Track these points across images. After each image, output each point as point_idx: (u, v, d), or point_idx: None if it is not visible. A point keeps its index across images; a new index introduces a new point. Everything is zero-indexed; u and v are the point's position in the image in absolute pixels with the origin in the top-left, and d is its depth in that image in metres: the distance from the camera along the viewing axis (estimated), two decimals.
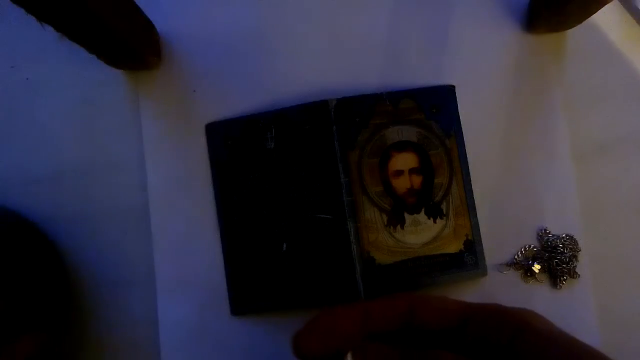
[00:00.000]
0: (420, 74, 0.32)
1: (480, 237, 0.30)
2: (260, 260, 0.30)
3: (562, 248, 0.31)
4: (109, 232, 0.32)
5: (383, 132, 0.30)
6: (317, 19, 0.33)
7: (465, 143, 0.31)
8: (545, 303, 0.31)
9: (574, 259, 0.31)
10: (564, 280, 0.31)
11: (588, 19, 0.31)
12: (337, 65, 0.32)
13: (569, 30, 0.33)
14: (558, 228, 0.32)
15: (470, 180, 0.31)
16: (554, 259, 0.31)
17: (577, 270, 0.31)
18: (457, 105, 0.31)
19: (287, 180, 0.30)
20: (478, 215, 0.31)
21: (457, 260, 0.30)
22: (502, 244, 0.31)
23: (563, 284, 0.31)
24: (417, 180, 0.30)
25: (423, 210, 0.30)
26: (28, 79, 0.33)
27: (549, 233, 0.32)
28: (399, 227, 0.30)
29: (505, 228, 0.32)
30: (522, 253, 0.32)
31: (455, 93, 0.31)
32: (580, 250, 0.32)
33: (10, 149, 0.33)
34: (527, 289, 0.31)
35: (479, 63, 0.32)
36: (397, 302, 0.23)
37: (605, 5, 0.29)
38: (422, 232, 0.30)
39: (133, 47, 0.28)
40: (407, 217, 0.30)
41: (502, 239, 0.32)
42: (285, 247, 0.30)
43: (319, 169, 0.30)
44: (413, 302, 0.23)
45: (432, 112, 0.31)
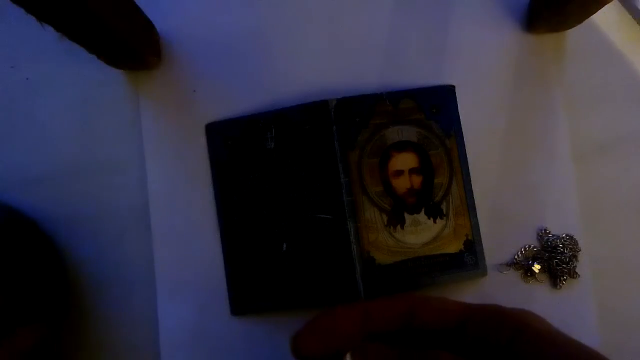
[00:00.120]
0: (420, 74, 0.32)
1: (480, 237, 0.30)
2: (260, 260, 0.30)
3: (562, 248, 0.31)
4: (109, 232, 0.32)
5: (383, 132, 0.30)
6: (317, 19, 0.33)
7: (465, 143, 0.31)
8: (545, 303, 0.31)
9: (574, 259, 0.31)
10: (564, 280, 0.31)
11: (588, 19, 0.31)
12: (337, 65, 0.32)
13: (569, 30, 0.33)
14: (558, 228, 0.32)
15: (470, 180, 0.31)
16: (554, 259, 0.31)
17: (577, 270, 0.31)
18: (457, 105, 0.31)
19: (287, 180, 0.30)
20: (478, 215, 0.31)
21: (457, 260, 0.30)
22: (502, 244, 0.31)
23: (563, 284, 0.31)
24: (417, 180, 0.30)
25: (423, 210, 0.30)
26: (28, 79, 0.33)
27: (549, 233, 0.32)
28: (399, 227, 0.30)
29: (505, 228, 0.32)
30: (522, 253, 0.32)
31: (455, 93, 0.31)
32: (580, 250, 0.32)
33: (11, 149, 0.33)
34: (527, 289, 0.31)
35: (479, 63, 0.32)
36: (396, 302, 0.23)
37: (605, 5, 0.29)
38: (422, 232, 0.30)
39: (133, 47, 0.28)
40: (407, 217, 0.30)
41: (502, 239, 0.31)
42: (285, 247, 0.30)
43: (319, 169, 0.30)
44: (412, 302, 0.23)
45: (432, 112, 0.31)
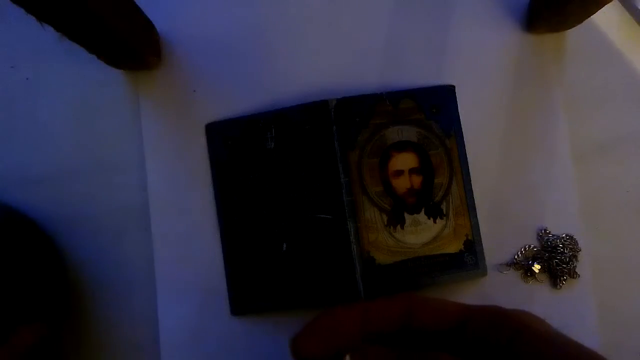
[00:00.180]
0: (420, 74, 0.32)
1: (480, 237, 0.30)
2: (260, 260, 0.30)
3: (562, 248, 0.31)
4: (109, 232, 0.32)
5: (383, 132, 0.30)
6: (317, 19, 0.33)
7: (465, 143, 0.31)
8: (545, 303, 0.31)
9: (574, 259, 0.31)
10: (564, 280, 0.31)
11: (588, 19, 0.31)
12: (337, 65, 0.32)
13: (569, 30, 0.33)
14: (558, 228, 0.32)
15: (470, 180, 0.31)
16: (554, 259, 0.31)
17: (577, 270, 0.31)
18: (457, 105, 0.31)
19: (287, 180, 0.30)
20: (478, 215, 0.31)
21: (457, 260, 0.30)
22: (502, 244, 0.31)
23: (563, 284, 0.31)
24: (417, 180, 0.30)
25: (423, 210, 0.30)
26: (28, 79, 0.33)
27: (549, 233, 0.32)
28: (399, 227, 0.30)
29: (505, 228, 0.32)
30: (522, 253, 0.32)
31: (455, 93, 0.31)
32: (580, 250, 0.32)
33: (11, 149, 0.33)
34: (527, 289, 0.31)
35: (479, 63, 0.32)
36: (394, 303, 0.23)
37: (605, 5, 0.29)
38: (422, 232, 0.30)
39: (133, 47, 0.28)
40: (407, 217, 0.30)
41: (502, 239, 0.31)
42: (285, 247, 0.30)
43: (319, 169, 0.30)
44: (410, 303, 0.23)
45: (432, 112, 0.31)
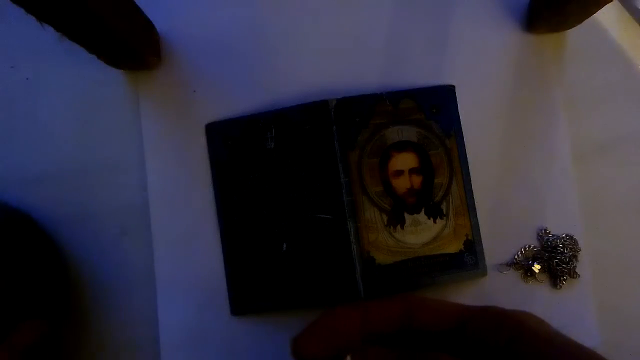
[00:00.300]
0: (420, 74, 0.32)
1: (480, 237, 0.30)
2: (260, 260, 0.30)
3: (562, 248, 0.31)
4: (109, 231, 0.32)
5: (383, 132, 0.30)
6: (317, 19, 0.33)
7: (465, 143, 0.31)
8: (545, 303, 0.31)
9: (574, 259, 0.31)
10: (564, 280, 0.31)
11: (588, 19, 0.31)
12: (337, 65, 0.32)
13: (569, 30, 0.33)
14: (558, 228, 0.32)
15: (470, 180, 0.31)
16: (554, 259, 0.31)
17: (577, 270, 0.31)
18: (457, 105, 0.31)
19: (287, 180, 0.30)
20: (478, 215, 0.30)
21: (457, 260, 0.30)
22: (502, 244, 0.31)
23: (563, 284, 0.31)
24: (417, 180, 0.30)
25: (423, 210, 0.30)
26: (28, 79, 0.33)
27: (549, 233, 0.32)
28: (399, 227, 0.30)
29: (505, 228, 0.32)
30: (522, 253, 0.32)
31: (455, 93, 0.31)
32: (580, 250, 0.32)
33: (11, 149, 0.33)
34: (527, 289, 0.31)
35: (479, 63, 0.32)
36: (394, 304, 0.23)
37: (605, 5, 0.29)
38: (422, 232, 0.30)
39: (133, 47, 0.28)
40: (407, 217, 0.30)
41: (502, 239, 0.31)
42: (285, 247, 0.30)
43: (319, 169, 0.30)
44: (411, 304, 0.23)
45: (432, 112, 0.31)
